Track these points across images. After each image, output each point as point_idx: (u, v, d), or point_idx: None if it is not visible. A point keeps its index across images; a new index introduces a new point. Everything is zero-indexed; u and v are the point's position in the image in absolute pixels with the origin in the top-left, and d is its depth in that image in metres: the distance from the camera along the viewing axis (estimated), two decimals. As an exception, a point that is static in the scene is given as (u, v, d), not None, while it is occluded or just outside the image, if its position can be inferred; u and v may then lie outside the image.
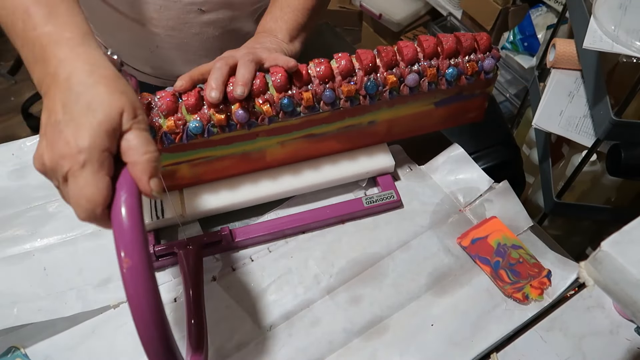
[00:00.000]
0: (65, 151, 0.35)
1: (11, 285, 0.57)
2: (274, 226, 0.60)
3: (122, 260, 0.33)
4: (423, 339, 0.52)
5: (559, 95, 1.01)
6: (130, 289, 0.34)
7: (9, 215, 0.64)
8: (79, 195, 0.35)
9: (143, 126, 0.38)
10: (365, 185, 0.65)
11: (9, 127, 1.91)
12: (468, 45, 0.56)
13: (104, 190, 0.35)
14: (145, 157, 0.37)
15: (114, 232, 0.35)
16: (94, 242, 0.61)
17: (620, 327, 0.53)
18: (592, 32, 0.78)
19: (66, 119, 0.36)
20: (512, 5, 1.58)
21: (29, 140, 0.70)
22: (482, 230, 0.60)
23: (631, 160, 0.81)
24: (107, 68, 0.39)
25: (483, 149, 0.89)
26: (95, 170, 0.35)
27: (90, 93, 0.37)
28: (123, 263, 0.33)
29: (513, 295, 0.54)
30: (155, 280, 0.35)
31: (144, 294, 0.34)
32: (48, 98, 0.38)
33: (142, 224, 0.35)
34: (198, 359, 0.47)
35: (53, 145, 0.36)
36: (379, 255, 0.59)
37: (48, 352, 0.53)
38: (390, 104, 0.59)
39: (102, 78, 0.38)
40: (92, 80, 0.37)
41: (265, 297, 0.56)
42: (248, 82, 0.51)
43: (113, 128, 0.36)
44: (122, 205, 0.35)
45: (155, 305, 0.34)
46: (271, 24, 0.62)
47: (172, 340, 0.37)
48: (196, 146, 0.56)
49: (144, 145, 0.37)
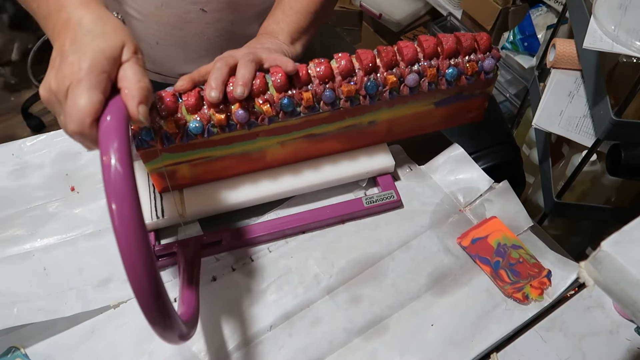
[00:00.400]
0: (68, 71, 0.39)
1: (11, 285, 0.57)
2: (274, 226, 0.60)
3: (102, 160, 0.36)
4: (423, 339, 0.52)
5: (559, 95, 1.01)
6: (109, 186, 0.35)
7: (9, 215, 0.64)
8: (73, 105, 0.39)
9: (140, 62, 0.43)
10: (365, 185, 0.65)
11: (9, 127, 1.91)
12: (468, 46, 0.56)
13: (96, 103, 0.39)
14: (137, 85, 0.41)
15: (99, 136, 0.38)
16: (94, 242, 0.61)
17: (620, 327, 0.53)
18: (592, 32, 0.78)
19: (73, 49, 0.40)
20: (512, 5, 1.58)
21: (29, 141, 0.70)
22: (482, 230, 0.60)
23: (631, 160, 0.81)
24: (115, 18, 0.44)
25: (483, 149, 0.89)
26: (91, 85, 0.39)
27: (97, 30, 0.41)
28: (103, 160, 0.36)
29: (513, 295, 0.54)
30: (134, 181, 0.36)
31: (123, 188, 0.35)
32: (59, 39, 0.42)
33: (127, 135, 0.38)
34: (188, 315, 0.47)
35: (59, 70, 0.40)
36: (379, 255, 0.59)
37: (48, 352, 0.53)
38: (390, 104, 0.59)
39: (109, 22, 0.42)
40: (100, 22, 0.42)
41: (265, 297, 0.56)
42: (248, 82, 0.51)
43: (114, 56, 0.41)
44: (109, 113, 0.39)
45: (134, 205, 0.36)
46: (273, 26, 0.62)
47: (153, 255, 0.37)
48: (196, 146, 0.56)
49: (137, 75, 0.41)
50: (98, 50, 0.40)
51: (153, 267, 0.36)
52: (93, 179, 0.67)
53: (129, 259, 0.35)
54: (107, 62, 0.40)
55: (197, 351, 0.52)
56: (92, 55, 0.40)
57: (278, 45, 0.60)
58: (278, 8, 0.64)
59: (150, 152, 0.54)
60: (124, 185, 0.35)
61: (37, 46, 1.96)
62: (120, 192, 0.35)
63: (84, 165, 0.68)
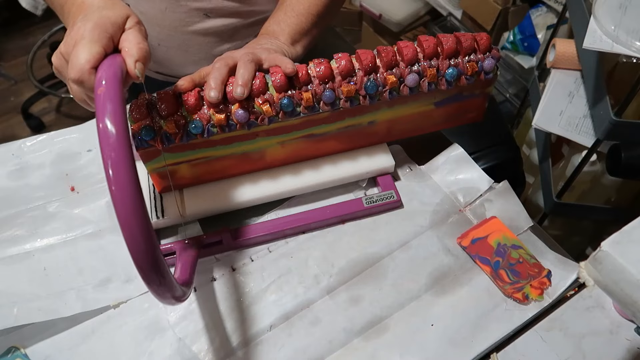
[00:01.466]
0: (75, 34, 0.44)
1: (11, 285, 0.57)
2: (274, 226, 0.60)
3: (96, 90, 0.39)
4: (423, 339, 0.52)
5: (559, 95, 1.01)
6: (104, 143, 0.36)
7: (9, 215, 0.64)
8: (75, 55, 0.43)
9: (142, 32, 0.47)
10: (365, 186, 0.65)
11: (9, 127, 1.91)
12: (468, 46, 0.56)
13: (95, 54, 0.43)
14: (137, 46, 0.44)
15: (95, 84, 0.40)
16: (94, 242, 0.61)
17: (620, 327, 0.52)
18: (592, 32, 0.78)
19: (83, 20, 0.44)
20: (512, 5, 1.58)
21: (29, 141, 0.70)
22: (482, 230, 0.60)
23: (631, 160, 0.81)
24: (122, 2, 0.48)
25: (483, 149, 0.89)
26: (92, 39, 0.43)
27: (105, 6, 0.46)
28: (97, 89, 0.39)
29: (513, 295, 0.54)
30: (129, 142, 0.38)
31: (117, 145, 0.36)
32: (73, 20, 0.46)
33: (120, 85, 0.40)
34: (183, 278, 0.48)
35: (68, 37, 0.45)
36: (379, 255, 0.59)
37: (48, 352, 0.53)
38: (390, 104, 0.59)
39: (117, 3, 0.47)
40: (109, 2, 0.47)
41: (265, 297, 0.56)
42: (248, 82, 0.51)
43: (117, 22, 0.45)
44: (105, 63, 0.42)
45: (129, 163, 0.37)
46: (274, 27, 0.62)
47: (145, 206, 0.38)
48: (196, 146, 0.56)
49: (138, 39, 0.45)
50: (103, 16, 0.45)
51: (147, 226, 0.37)
52: (93, 179, 0.67)
53: (125, 220, 0.36)
54: (111, 26, 0.44)
55: (197, 351, 0.52)
56: (97, 19, 0.44)
57: (278, 46, 0.60)
58: (280, 9, 0.64)
59: (150, 152, 0.54)
60: (118, 143, 0.36)
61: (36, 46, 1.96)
62: (116, 151, 0.36)
63: (84, 165, 0.68)
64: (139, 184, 0.37)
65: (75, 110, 1.97)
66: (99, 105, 0.38)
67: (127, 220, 0.36)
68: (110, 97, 0.38)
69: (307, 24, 0.63)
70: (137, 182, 0.37)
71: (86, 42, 0.43)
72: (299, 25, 0.62)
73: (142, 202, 0.37)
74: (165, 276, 0.40)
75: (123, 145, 0.37)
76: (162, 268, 0.39)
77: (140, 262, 0.37)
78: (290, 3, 0.63)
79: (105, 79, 0.40)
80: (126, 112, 0.39)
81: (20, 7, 1.59)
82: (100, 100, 0.38)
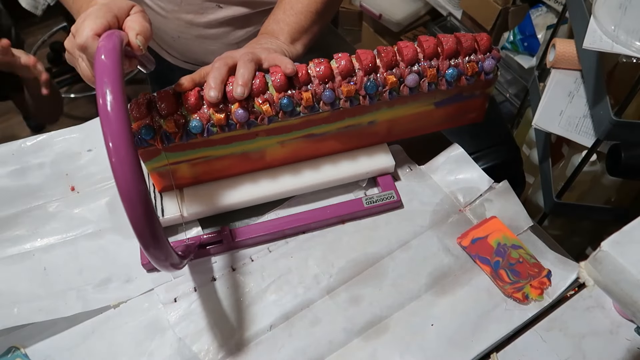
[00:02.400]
0: (84, 15, 0.48)
1: (11, 285, 0.57)
2: (274, 226, 0.60)
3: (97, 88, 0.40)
4: (423, 339, 0.52)
5: (559, 95, 1.01)
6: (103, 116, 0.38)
7: (9, 215, 0.64)
8: (81, 26, 0.47)
9: (146, 18, 0.50)
10: (366, 186, 0.65)
11: (9, 127, 1.91)
12: (468, 46, 0.56)
13: (99, 24, 0.46)
14: (140, 22, 0.48)
15: (96, 52, 0.42)
16: (94, 242, 0.61)
17: (620, 327, 0.52)
18: (592, 32, 0.78)
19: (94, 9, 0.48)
20: (512, 5, 1.58)
21: (29, 140, 0.70)
22: (482, 230, 0.60)
23: (631, 160, 0.81)
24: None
25: (483, 149, 0.89)
26: (98, 15, 0.47)
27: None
28: (99, 50, 0.41)
29: (513, 295, 0.54)
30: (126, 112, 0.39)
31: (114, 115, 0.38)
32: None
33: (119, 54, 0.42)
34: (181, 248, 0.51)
35: (79, 19, 0.48)
36: (379, 255, 0.59)
37: (48, 352, 0.53)
38: (390, 104, 0.59)
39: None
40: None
41: (265, 297, 0.56)
42: (248, 82, 0.51)
43: (122, 7, 0.49)
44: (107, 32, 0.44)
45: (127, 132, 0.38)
46: (273, 26, 0.62)
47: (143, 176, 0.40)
48: (196, 146, 0.56)
49: (140, 18, 0.48)
50: (110, 2, 0.49)
51: (145, 194, 0.39)
52: (93, 179, 0.67)
53: (124, 186, 0.38)
54: (116, 7, 0.48)
55: (197, 351, 0.52)
56: (104, 2, 0.49)
57: (278, 46, 0.60)
58: (279, 8, 0.64)
59: (150, 151, 0.54)
60: (116, 113, 0.38)
61: (36, 46, 1.96)
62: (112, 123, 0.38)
63: (84, 165, 0.68)
64: (135, 149, 0.39)
65: (75, 110, 1.97)
66: (98, 57, 0.41)
67: (126, 185, 0.38)
68: (108, 50, 0.41)
69: (307, 22, 0.63)
70: (134, 145, 0.39)
71: (92, 16, 0.47)
72: (298, 24, 0.62)
73: (139, 167, 0.39)
74: (161, 240, 0.42)
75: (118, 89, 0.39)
76: (159, 233, 0.42)
77: (138, 226, 0.40)
78: (289, 1, 0.63)
79: (105, 37, 0.43)
80: (122, 73, 0.41)
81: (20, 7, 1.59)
82: (99, 52, 0.41)
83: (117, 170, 0.38)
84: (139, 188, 0.39)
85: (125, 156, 0.38)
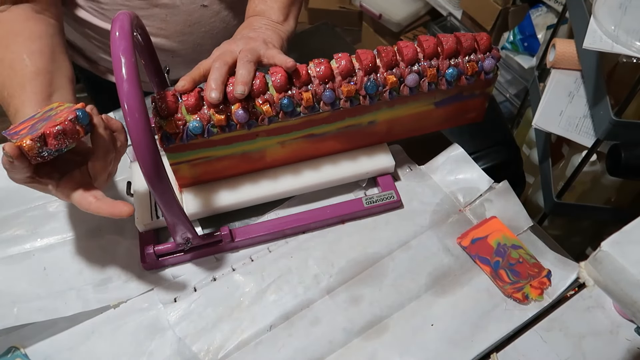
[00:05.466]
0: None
1: (11, 285, 0.57)
2: (274, 226, 0.60)
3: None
4: (423, 339, 0.52)
5: (559, 95, 1.01)
6: (119, 80, 0.42)
7: (9, 215, 0.64)
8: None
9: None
10: (365, 186, 0.65)
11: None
12: (468, 46, 0.56)
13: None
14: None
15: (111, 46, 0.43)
16: (94, 242, 0.61)
17: (620, 327, 0.53)
18: (592, 32, 0.78)
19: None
20: (512, 5, 1.58)
21: (29, 140, 0.70)
22: (482, 230, 0.60)
23: (631, 160, 0.81)
24: None
25: (483, 149, 0.89)
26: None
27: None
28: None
29: (513, 295, 0.54)
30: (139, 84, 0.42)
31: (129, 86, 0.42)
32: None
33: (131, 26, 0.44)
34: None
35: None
36: (379, 255, 0.59)
37: (48, 352, 0.53)
38: (390, 104, 0.59)
39: None
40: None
41: (265, 297, 0.56)
42: (248, 82, 0.51)
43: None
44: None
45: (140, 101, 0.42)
46: (261, 6, 0.62)
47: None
48: (196, 146, 0.56)
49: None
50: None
51: (154, 146, 0.44)
52: (93, 179, 0.67)
53: (139, 146, 0.43)
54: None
55: (197, 351, 0.52)
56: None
57: (272, 27, 0.59)
58: None
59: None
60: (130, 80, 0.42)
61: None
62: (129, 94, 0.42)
63: (84, 165, 0.68)
64: (146, 109, 0.43)
65: (75, 110, 1.97)
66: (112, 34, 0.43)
67: (139, 138, 0.43)
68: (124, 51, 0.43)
69: None
70: (145, 105, 0.43)
71: None
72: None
73: (149, 125, 0.43)
74: (167, 183, 0.47)
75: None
76: (165, 178, 0.46)
77: (149, 171, 0.44)
78: None
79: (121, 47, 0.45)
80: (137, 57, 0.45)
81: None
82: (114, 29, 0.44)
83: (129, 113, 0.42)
84: (150, 140, 0.43)
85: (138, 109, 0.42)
